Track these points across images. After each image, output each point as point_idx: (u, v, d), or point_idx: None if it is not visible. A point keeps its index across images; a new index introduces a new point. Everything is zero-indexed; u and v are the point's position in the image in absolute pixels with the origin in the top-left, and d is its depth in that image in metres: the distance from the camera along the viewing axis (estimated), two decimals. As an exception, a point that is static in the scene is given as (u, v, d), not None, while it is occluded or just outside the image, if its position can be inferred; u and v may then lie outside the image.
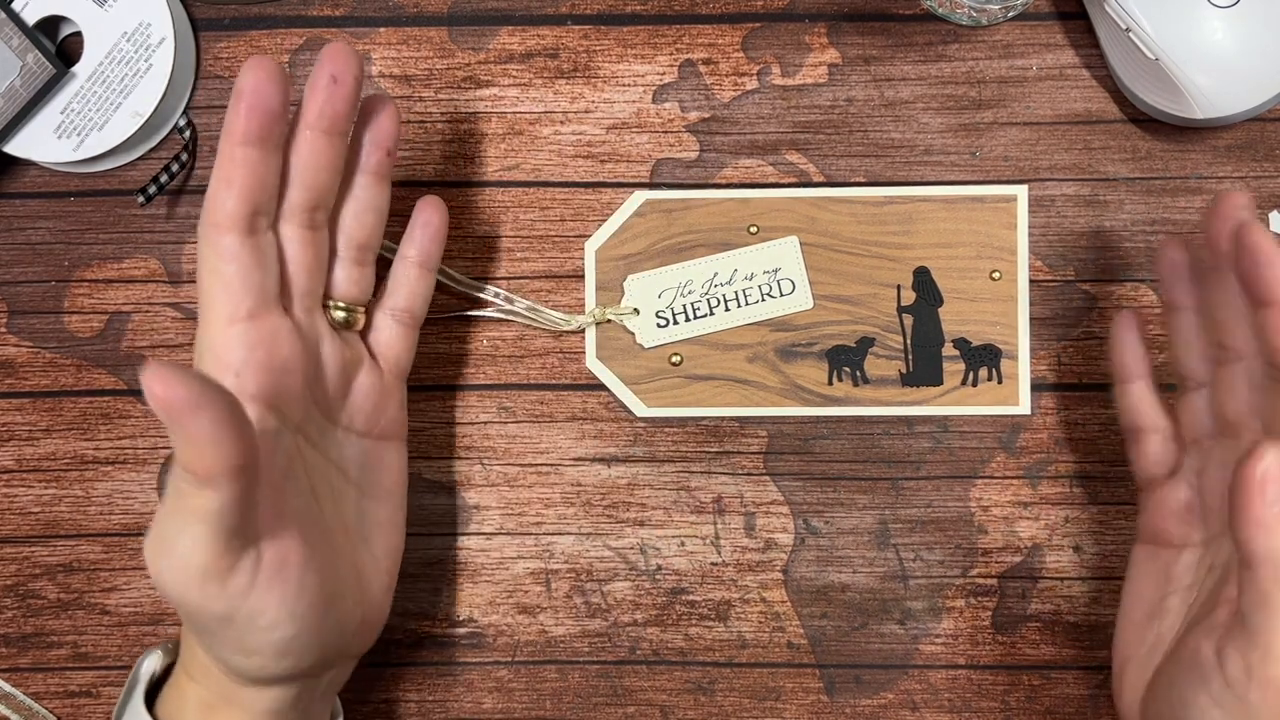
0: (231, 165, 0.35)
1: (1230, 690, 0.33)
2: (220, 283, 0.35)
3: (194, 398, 0.30)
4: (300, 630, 0.35)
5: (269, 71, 0.35)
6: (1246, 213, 0.36)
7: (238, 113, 0.35)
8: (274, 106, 0.35)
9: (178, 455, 0.31)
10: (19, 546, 0.47)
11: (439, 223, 0.42)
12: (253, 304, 0.36)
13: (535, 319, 0.46)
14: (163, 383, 0.30)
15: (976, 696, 0.46)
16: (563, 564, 0.47)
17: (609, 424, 0.47)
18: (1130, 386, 0.41)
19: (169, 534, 0.33)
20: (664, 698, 0.47)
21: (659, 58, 0.47)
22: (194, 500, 0.31)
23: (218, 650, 0.36)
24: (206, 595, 0.33)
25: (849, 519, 0.46)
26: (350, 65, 0.36)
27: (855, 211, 0.46)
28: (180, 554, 0.32)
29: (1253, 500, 0.32)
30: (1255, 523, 0.32)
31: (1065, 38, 0.46)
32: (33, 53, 0.45)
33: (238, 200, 0.35)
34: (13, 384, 0.47)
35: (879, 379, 0.46)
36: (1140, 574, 0.40)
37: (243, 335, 0.35)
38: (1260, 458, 0.31)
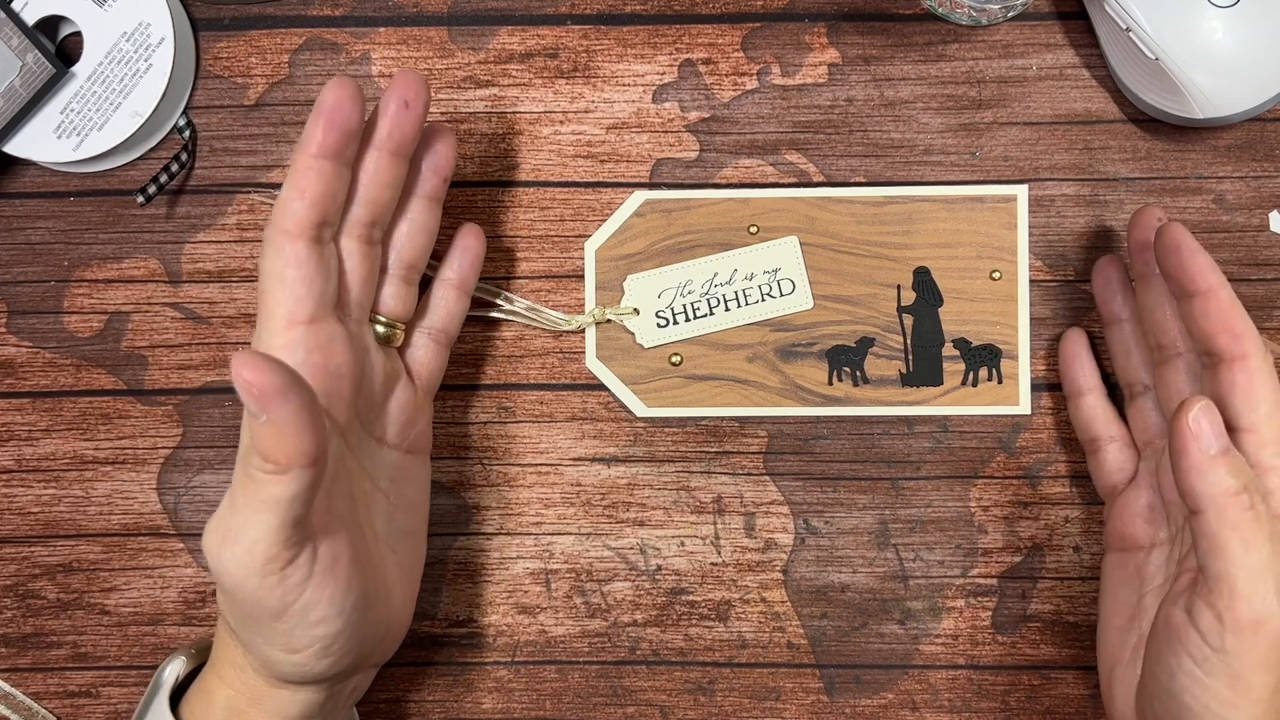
0: (306, 175, 0.36)
1: (1206, 644, 0.34)
2: (284, 287, 0.36)
3: (283, 384, 0.31)
4: (344, 628, 0.36)
5: (350, 91, 0.36)
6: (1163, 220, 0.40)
7: (317, 126, 0.36)
8: (351, 124, 0.36)
9: (257, 444, 0.32)
10: (19, 546, 0.47)
11: (479, 249, 0.44)
12: (313, 309, 0.37)
13: (535, 319, 0.46)
14: (253, 368, 0.31)
15: (976, 696, 0.46)
16: (563, 564, 0.47)
17: (609, 424, 0.47)
18: (1083, 400, 0.44)
19: (236, 524, 0.34)
20: (664, 698, 0.47)
21: (659, 58, 0.47)
22: (268, 488, 0.33)
23: (262, 647, 0.36)
24: (266, 586, 0.34)
25: (849, 519, 0.46)
26: (421, 92, 0.38)
27: (855, 211, 0.46)
28: (246, 543, 0.33)
29: (1189, 447, 0.34)
30: (1195, 469, 0.34)
31: (1065, 38, 0.46)
32: (32, 52, 0.45)
33: (309, 209, 0.36)
34: (12, 384, 0.47)
35: (879, 379, 0.46)
36: (1114, 581, 0.41)
37: (302, 338, 0.36)
38: (1191, 407, 0.34)
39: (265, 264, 0.37)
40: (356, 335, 0.39)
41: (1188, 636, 0.35)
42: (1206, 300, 0.37)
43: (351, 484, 0.39)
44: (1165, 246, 0.37)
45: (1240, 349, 0.36)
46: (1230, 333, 0.36)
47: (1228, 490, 0.34)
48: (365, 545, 0.38)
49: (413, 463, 0.42)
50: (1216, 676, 0.34)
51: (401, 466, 0.42)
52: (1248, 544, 0.33)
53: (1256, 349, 0.36)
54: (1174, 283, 0.37)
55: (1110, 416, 0.43)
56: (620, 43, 0.47)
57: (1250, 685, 0.34)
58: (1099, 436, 0.43)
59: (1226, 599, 0.34)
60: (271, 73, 0.47)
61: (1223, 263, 0.46)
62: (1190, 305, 0.37)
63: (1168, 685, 0.35)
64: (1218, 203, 0.46)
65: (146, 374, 0.47)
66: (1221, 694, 0.34)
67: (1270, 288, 0.46)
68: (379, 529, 0.40)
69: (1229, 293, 0.37)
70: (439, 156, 0.41)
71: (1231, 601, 0.33)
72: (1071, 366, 0.44)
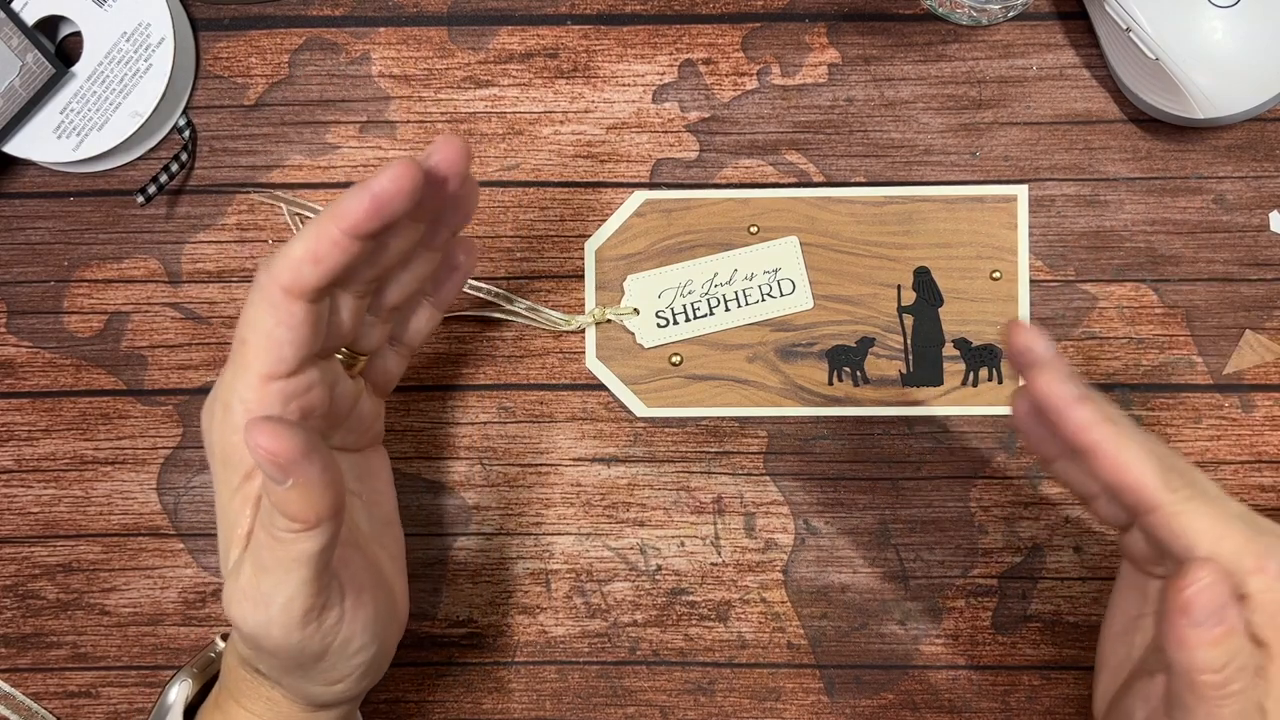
0: (329, 246, 0.33)
1: None
2: (270, 344, 0.34)
3: (304, 448, 0.31)
4: (379, 647, 0.37)
5: (412, 183, 0.33)
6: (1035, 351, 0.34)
7: (361, 204, 0.32)
8: (399, 214, 0.33)
9: (284, 508, 0.31)
10: (19, 546, 0.47)
11: (469, 270, 0.41)
12: (295, 365, 0.35)
13: (535, 319, 0.46)
14: (271, 437, 0.30)
15: (976, 696, 0.46)
16: (562, 564, 0.47)
17: (609, 424, 0.47)
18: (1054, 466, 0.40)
19: (267, 586, 0.33)
20: (664, 698, 0.47)
21: (659, 58, 0.47)
22: (297, 547, 0.32)
23: (303, 686, 0.37)
24: (307, 636, 0.34)
25: (849, 519, 0.46)
26: (463, 165, 0.35)
27: (855, 211, 0.46)
28: (282, 602, 0.33)
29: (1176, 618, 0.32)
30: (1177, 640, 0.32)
31: (1065, 38, 0.46)
32: (32, 52, 0.45)
33: (321, 279, 0.33)
34: (12, 384, 0.47)
35: (879, 379, 0.46)
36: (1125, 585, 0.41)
37: (280, 391, 0.34)
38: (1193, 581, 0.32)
39: (254, 314, 0.34)
40: (328, 369, 0.37)
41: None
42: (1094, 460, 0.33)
43: None
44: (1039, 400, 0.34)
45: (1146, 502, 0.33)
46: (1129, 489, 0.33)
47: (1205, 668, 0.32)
48: (365, 557, 0.38)
49: (372, 457, 0.42)
50: None
51: (363, 464, 0.41)
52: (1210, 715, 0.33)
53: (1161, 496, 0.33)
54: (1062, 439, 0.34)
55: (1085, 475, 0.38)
56: (620, 43, 0.47)
57: None
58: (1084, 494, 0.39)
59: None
60: (271, 73, 0.47)
61: (1223, 263, 0.46)
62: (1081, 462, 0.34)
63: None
64: (1218, 203, 0.46)
65: (146, 374, 0.47)
66: None
67: (1270, 288, 0.46)
68: (364, 529, 0.40)
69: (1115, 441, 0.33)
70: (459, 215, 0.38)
71: None
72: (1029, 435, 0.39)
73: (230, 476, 0.35)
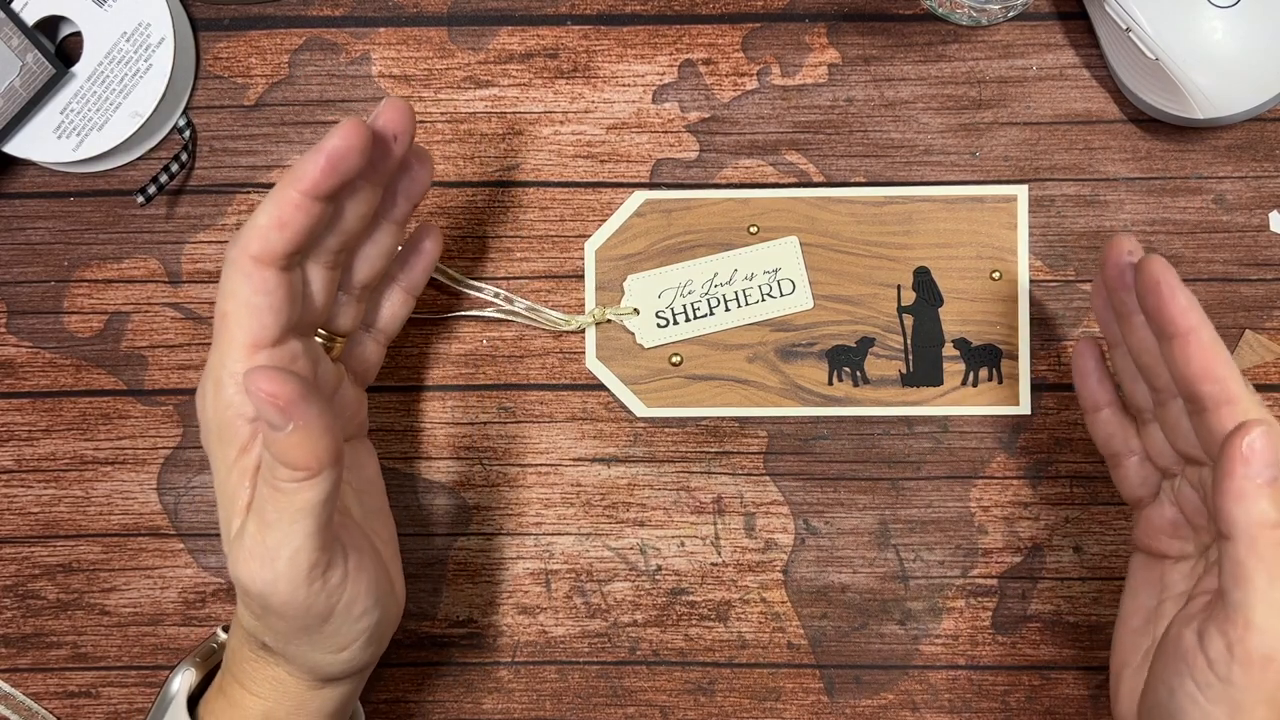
0: (292, 210, 0.35)
1: (1212, 671, 0.33)
2: (250, 311, 0.35)
3: (303, 391, 0.32)
4: (381, 614, 0.38)
5: (361, 141, 0.34)
6: (1136, 252, 0.37)
7: (316, 166, 0.34)
8: (352, 173, 0.35)
9: (284, 455, 0.32)
10: (19, 546, 0.47)
11: (435, 254, 0.43)
12: (278, 333, 0.36)
13: (535, 319, 0.46)
14: (271, 381, 0.31)
15: (976, 696, 0.46)
16: (563, 564, 0.47)
17: (609, 424, 0.47)
18: (1098, 415, 0.41)
19: (273, 541, 0.34)
20: (664, 698, 0.47)
21: (659, 58, 0.47)
22: (301, 496, 0.33)
23: (309, 654, 0.37)
24: (313, 593, 0.35)
25: (849, 519, 0.46)
26: (409, 125, 0.37)
27: (855, 211, 0.46)
28: (288, 555, 0.34)
29: (1235, 470, 0.32)
30: (1236, 493, 0.32)
31: (1065, 38, 0.46)
32: (32, 53, 0.45)
33: (287, 243, 0.35)
34: (12, 384, 0.47)
35: (879, 379, 0.46)
36: (1138, 581, 0.41)
37: (267, 360, 0.36)
38: (1248, 431, 0.32)
39: (231, 286, 0.35)
40: (310, 348, 0.39)
41: (1195, 660, 0.34)
42: (1187, 344, 0.34)
43: None
44: (1144, 284, 0.35)
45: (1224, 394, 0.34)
46: (1212, 378, 0.34)
47: (1264, 521, 0.32)
48: (365, 533, 0.39)
49: (359, 447, 0.43)
50: (1217, 704, 0.33)
51: (351, 455, 0.42)
52: (1273, 578, 0.32)
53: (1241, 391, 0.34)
54: (1153, 322, 0.35)
55: (1129, 431, 0.41)
56: (620, 43, 0.47)
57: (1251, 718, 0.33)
58: (1118, 452, 0.41)
59: (1240, 630, 0.33)
60: (271, 73, 0.47)
61: (1223, 263, 0.46)
62: (1170, 348, 0.35)
63: (1166, 702, 0.35)
64: (1218, 203, 0.46)
65: (146, 374, 0.47)
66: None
67: (1270, 288, 0.46)
68: (357, 516, 0.41)
69: (1211, 334, 0.34)
70: (415, 184, 0.40)
71: (1245, 634, 0.32)
72: (1084, 382, 0.42)
73: (227, 451, 0.35)
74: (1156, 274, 0.34)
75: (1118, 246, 0.37)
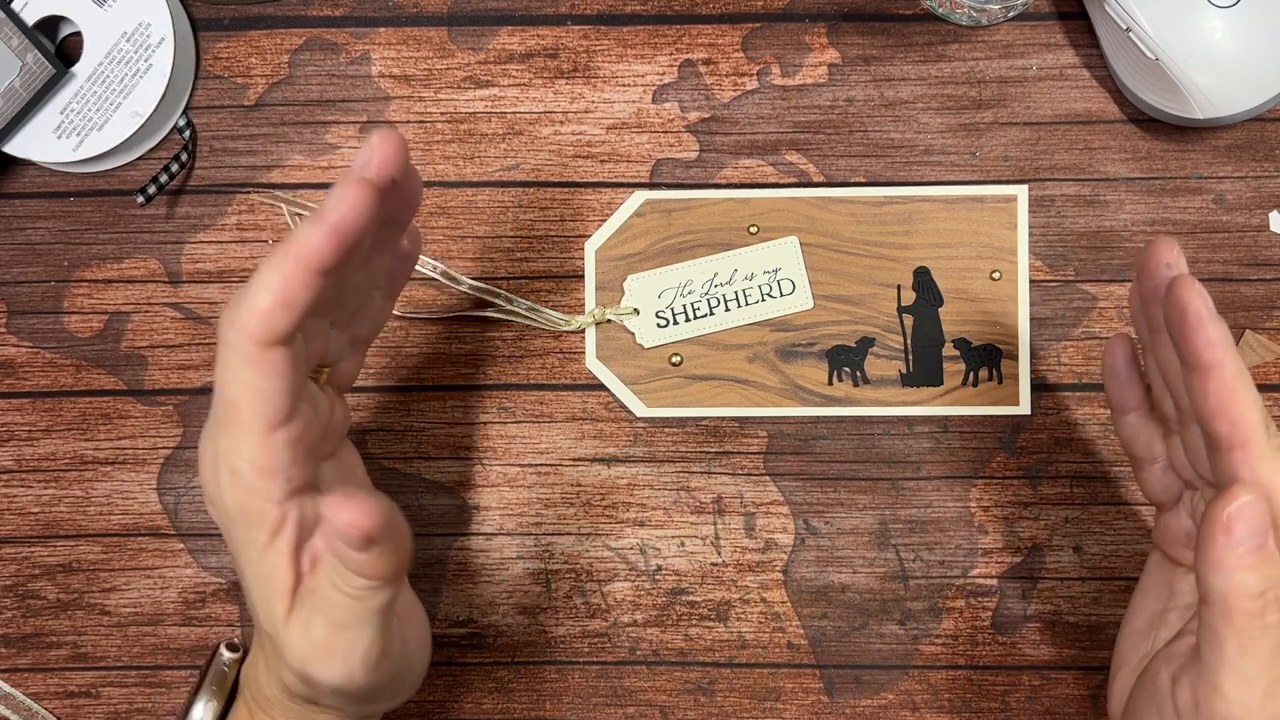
0: (298, 288, 0.31)
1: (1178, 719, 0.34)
2: (262, 398, 0.32)
3: (385, 517, 0.31)
4: (427, 654, 0.39)
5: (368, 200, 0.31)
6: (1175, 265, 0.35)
7: (322, 239, 0.31)
8: (362, 234, 0.32)
9: (364, 570, 0.32)
10: (19, 546, 0.47)
11: (415, 256, 0.40)
12: (291, 408, 0.33)
13: (535, 319, 0.46)
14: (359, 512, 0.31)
15: (976, 696, 0.46)
16: (563, 564, 0.47)
17: (609, 424, 0.47)
18: (1125, 418, 0.40)
19: (344, 645, 0.34)
20: (664, 698, 0.47)
21: (659, 58, 0.47)
22: (374, 601, 0.33)
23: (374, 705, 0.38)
24: (382, 671, 0.35)
25: (849, 519, 0.46)
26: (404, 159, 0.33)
27: (855, 211, 0.46)
28: (360, 654, 0.34)
29: (1216, 537, 0.32)
30: (1214, 562, 0.32)
31: (1065, 38, 0.46)
32: (32, 53, 0.45)
33: (293, 322, 0.32)
34: (12, 384, 0.47)
35: (879, 379, 0.46)
36: (1151, 581, 0.40)
37: (285, 438, 0.33)
38: (1234, 498, 0.32)
39: (234, 374, 0.32)
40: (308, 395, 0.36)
41: (1165, 705, 0.34)
42: (1206, 378, 0.32)
43: None
44: (1172, 307, 0.33)
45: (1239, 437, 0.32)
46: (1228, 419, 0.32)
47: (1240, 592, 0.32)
48: None
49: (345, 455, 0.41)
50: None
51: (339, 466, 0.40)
52: (1244, 650, 0.32)
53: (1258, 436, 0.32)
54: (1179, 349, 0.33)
55: (1154, 436, 0.39)
56: (620, 43, 0.47)
57: None
58: (1141, 457, 0.40)
59: (1208, 691, 0.33)
60: (271, 73, 0.47)
61: (1223, 263, 0.46)
62: (1191, 379, 0.33)
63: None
64: (1218, 203, 0.46)
65: (146, 374, 0.47)
66: None
67: (1270, 288, 0.46)
68: None
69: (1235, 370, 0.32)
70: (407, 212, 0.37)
71: (1211, 697, 0.33)
72: (1113, 382, 0.40)
73: (256, 536, 0.33)
74: (1185, 300, 0.32)
75: (1156, 257, 0.35)
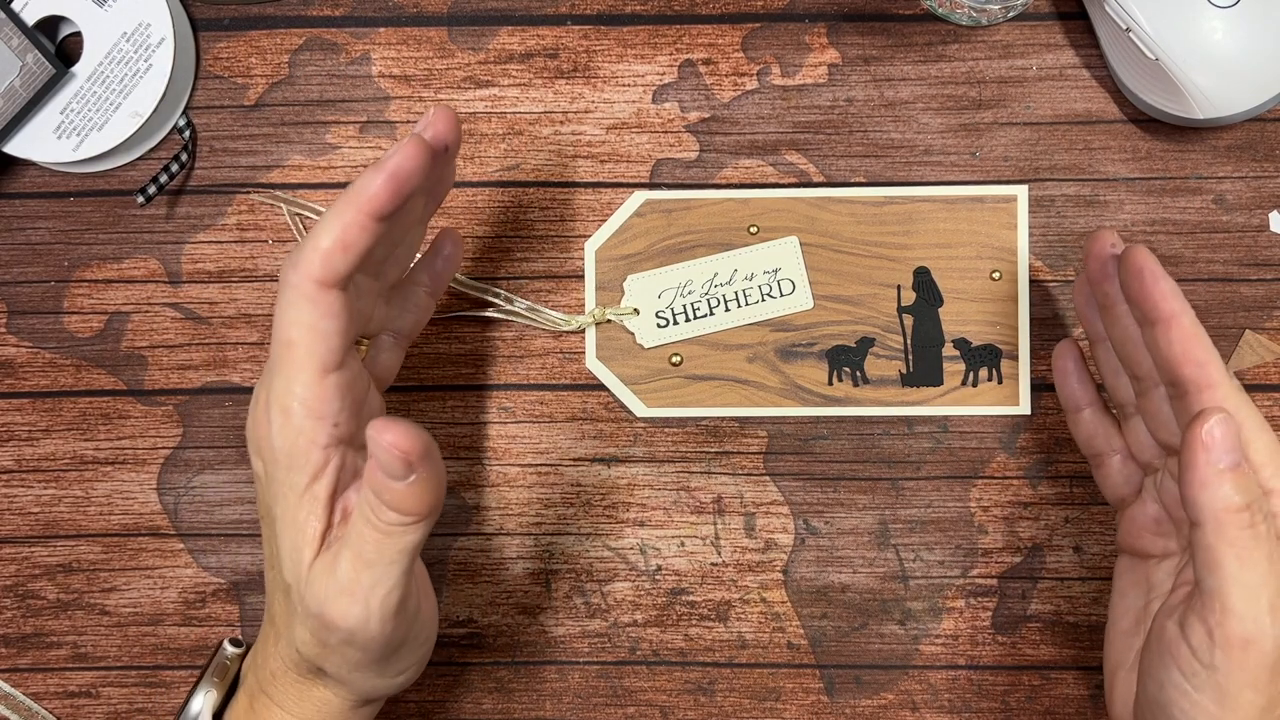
0: (357, 231, 0.34)
1: (1196, 659, 0.34)
2: (318, 336, 0.35)
3: (426, 445, 0.32)
4: (433, 635, 0.39)
5: (423, 157, 0.34)
6: (1118, 246, 0.38)
7: (381, 185, 0.34)
8: (416, 188, 0.35)
9: (399, 503, 0.33)
10: (19, 546, 0.47)
11: (457, 258, 0.43)
12: (343, 354, 0.35)
13: (535, 319, 0.46)
14: (402, 435, 0.31)
15: (976, 696, 0.46)
16: (563, 564, 0.47)
17: (609, 424, 0.47)
18: (1080, 415, 0.42)
19: (366, 583, 0.34)
20: (664, 698, 0.47)
21: (659, 58, 0.47)
22: (404, 538, 0.34)
23: (372, 680, 0.37)
24: (396, 627, 0.35)
25: (849, 519, 0.46)
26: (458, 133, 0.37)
27: (855, 211, 0.46)
28: (381, 597, 0.34)
29: (1197, 459, 0.33)
30: (1199, 481, 0.33)
31: (1065, 38, 0.46)
32: (32, 53, 0.45)
33: (351, 265, 0.34)
34: (12, 384, 0.47)
35: (879, 379, 0.46)
36: (1125, 583, 0.41)
37: (337, 384, 0.35)
38: (1208, 418, 0.33)
39: (294, 313, 0.35)
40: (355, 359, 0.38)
41: (1178, 650, 0.34)
42: (1169, 329, 0.35)
43: None
44: (1127, 271, 0.36)
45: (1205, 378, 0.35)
46: (1193, 361, 0.35)
47: (1229, 506, 0.33)
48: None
49: None
50: (1204, 692, 0.34)
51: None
52: (1243, 561, 0.33)
53: (1221, 376, 0.35)
54: (1137, 309, 0.37)
55: (1110, 430, 0.42)
56: (620, 43, 0.47)
57: (1238, 704, 0.33)
58: (1101, 451, 0.42)
59: (1218, 615, 0.33)
60: (271, 73, 0.47)
61: (1223, 263, 0.46)
62: (1153, 333, 0.36)
63: (1157, 696, 0.35)
64: (1218, 203, 0.46)
65: (146, 374, 0.47)
66: (1209, 710, 0.34)
67: (1270, 288, 0.46)
68: None
69: (1192, 320, 0.35)
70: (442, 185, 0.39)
71: (1223, 618, 0.33)
72: (1065, 382, 0.43)
73: (297, 479, 0.35)
74: (1140, 262, 0.36)
75: (1100, 241, 0.39)
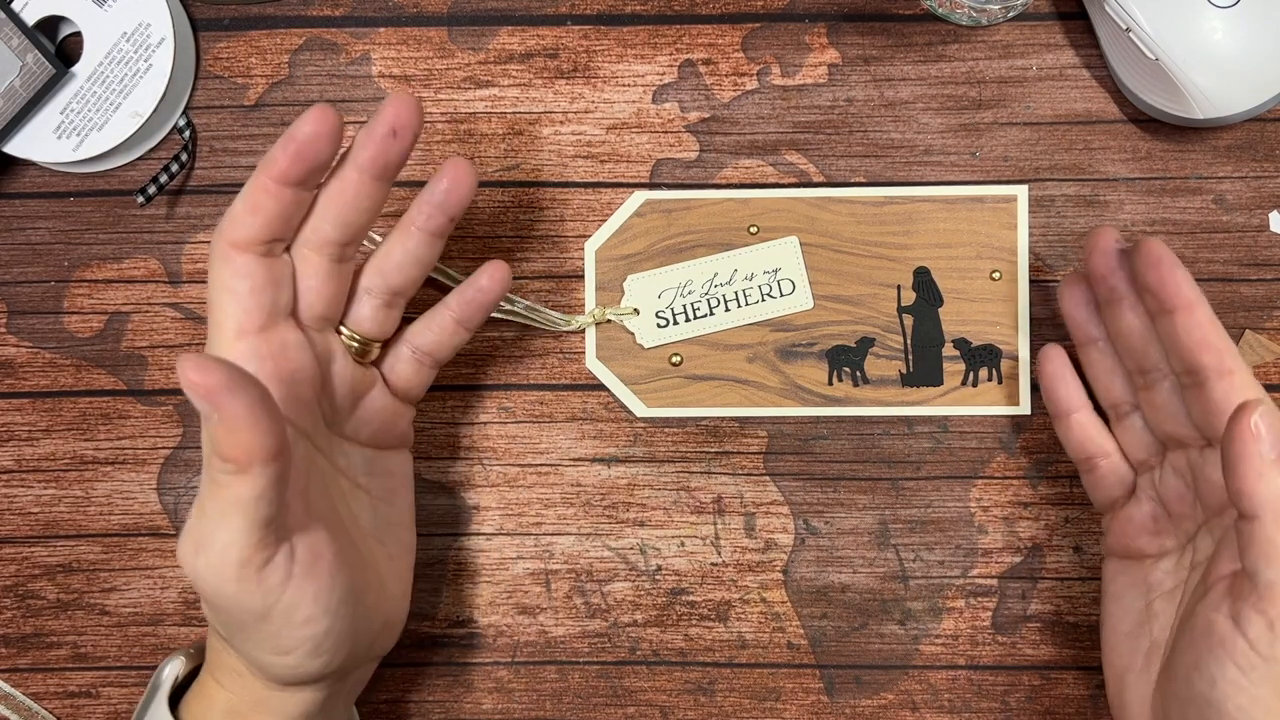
0: (263, 196, 0.35)
1: (1255, 652, 0.33)
2: (232, 298, 0.36)
3: (229, 382, 0.31)
4: (333, 626, 0.36)
5: (329, 128, 0.35)
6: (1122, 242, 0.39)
7: (285, 153, 0.35)
8: (321, 160, 0.35)
9: (215, 445, 0.32)
10: (19, 547, 0.47)
11: (493, 291, 0.41)
12: (263, 319, 0.36)
13: (535, 319, 0.46)
14: (197, 369, 0.30)
15: (976, 696, 0.46)
16: (563, 564, 0.47)
17: (609, 424, 0.47)
18: (1071, 419, 0.43)
19: (205, 530, 0.33)
20: (664, 698, 0.47)
21: (659, 58, 0.47)
22: (231, 490, 0.32)
23: (252, 651, 0.36)
24: (244, 589, 0.34)
25: (849, 519, 0.46)
26: (412, 121, 0.36)
27: (855, 211, 0.46)
28: (218, 548, 0.33)
29: (1249, 450, 0.33)
30: (1255, 474, 0.33)
31: (1065, 38, 0.46)
32: (32, 53, 0.45)
33: (260, 228, 0.35)
34: (12, 384, 0.47)
35: (879, 379, 0.46)
36: (1119, 586, 0.41)
37: (252, 348, 0.36)
38: (1253, 410, 0.33)
39: (213, 274, 0.36)
40: (319, 342, 0.38)
41: (1234, 644, 0.34)
42: (1189, 316, 0.36)
43: (327, 483, 0.39)
44: (1146, 260, 0.36)
45: (1223, 365, 0.36)
46: (1212, 349, 0.36)
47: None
48: (350, 541, 0.38)
49: (392, 457, 0.42)
50: (1262, 685, 0.33)
51: (379, 461, 0.41)
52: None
53: (1238, 364, 0.36)
54: (1154, 298, 0.37)
55: (1102, 432, 0.42)
56: (620, 43, 0.47)
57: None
58: (1093, 455, 0.42)
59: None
60: (271, 73, 0.47)
61: (1223, 263, 0.46)
62: (1171, 321, 0.36)
63: (1206, 693, 0.35)
64: (1218, 203, 0.46)
65: (146, 374, 0.47)
66: (1267, 703, 0.33)
67: (1270, 288, 0.46)
68: (364, 523, 0.40)
69: (1209, 309, 0.36)
70: (452, 197, 0.39)
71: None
72: (1054, 387, 0.43)
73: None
74: (1158, 252, 0.36)
75: (1104, 237, 0.39)
